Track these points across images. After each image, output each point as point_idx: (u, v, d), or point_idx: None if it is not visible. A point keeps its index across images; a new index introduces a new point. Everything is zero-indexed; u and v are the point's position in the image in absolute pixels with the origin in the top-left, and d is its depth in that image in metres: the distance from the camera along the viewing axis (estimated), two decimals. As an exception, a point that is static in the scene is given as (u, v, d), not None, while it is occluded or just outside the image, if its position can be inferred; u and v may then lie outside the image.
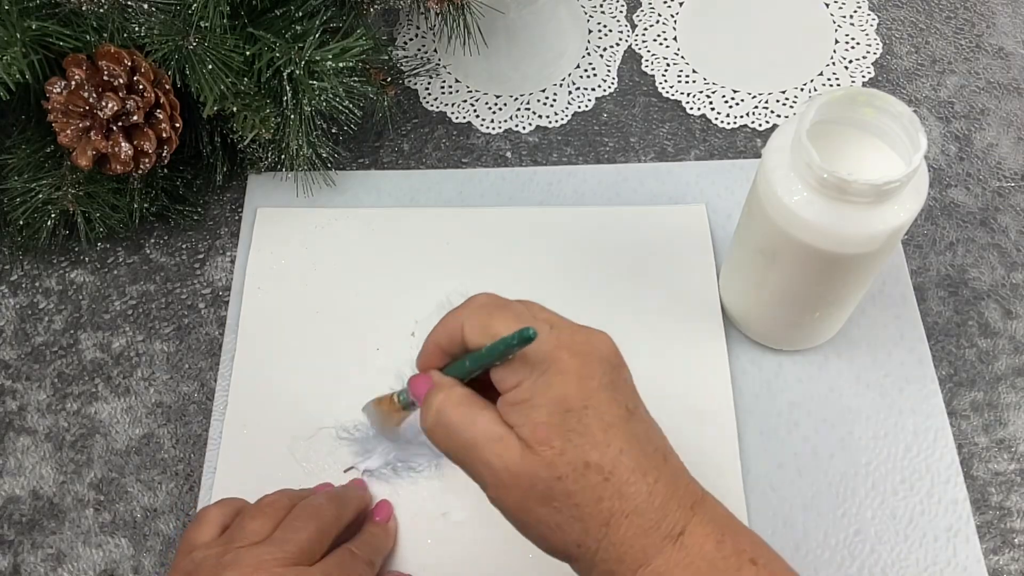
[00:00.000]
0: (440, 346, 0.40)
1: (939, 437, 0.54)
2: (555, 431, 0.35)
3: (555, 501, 0.36)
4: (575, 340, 0.37)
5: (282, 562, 0.42)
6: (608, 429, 0.36)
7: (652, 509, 0.36)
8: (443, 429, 0.38)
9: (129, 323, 0.59)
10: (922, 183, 0.44)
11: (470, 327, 0.38)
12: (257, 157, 0.61)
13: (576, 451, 0.35)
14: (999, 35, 0.70)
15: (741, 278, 0.54)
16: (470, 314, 0.39)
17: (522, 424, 0.36)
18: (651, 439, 0.37)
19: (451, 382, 0.39)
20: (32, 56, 0.51)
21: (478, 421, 0.37)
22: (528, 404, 0.36)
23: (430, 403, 0.38)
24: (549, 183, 0.63)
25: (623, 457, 0.36)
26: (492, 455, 0.36)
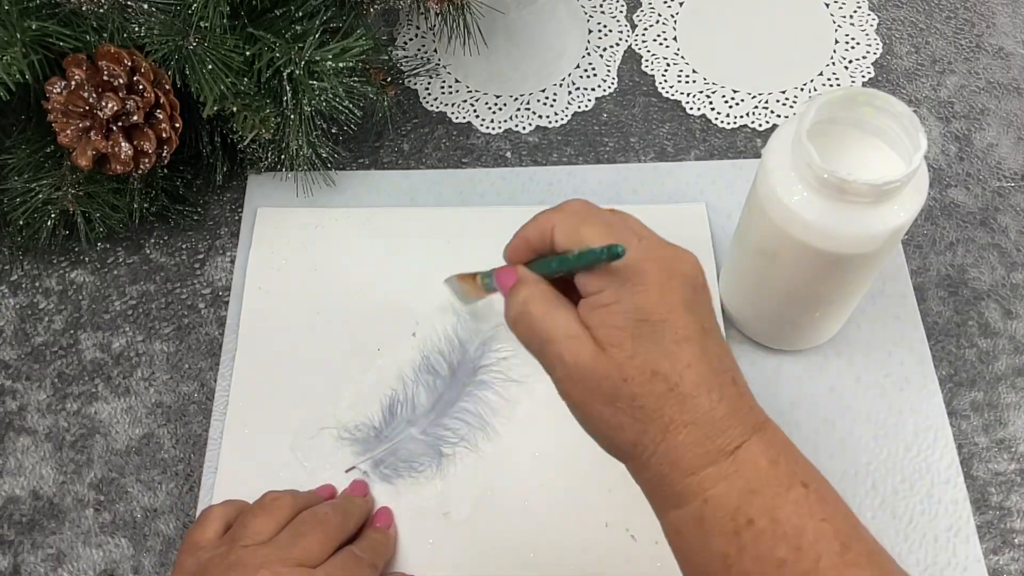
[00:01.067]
0: (529, 242, 0.41)
1: (939, 437, 0.54)
2: (628, 336, 0.36)
3: (619, 401, 0.37)
4: (662, 255, 0.38)
5: (286, 563, 0.42)
6: (681, 343, 0.36)
7: (711, 423, 0.36)
8: (525, 322, 0.39)
9: (129, 323, 0.59)
10: (922, 183, 0.44)
11: (561, 230, 0.39)
12: (257, 157, 0.61)
13: (645, 357, 0.36)
14: (999, 35, 0.70)
15: (741, 278, 0.54)
16: (563, 217, 0.40)
17: (599, 326, 0.37)
18: (722, 360, 0.38)
19: (536, 278, 0.40)
20: (32, 56, 0.51)
21: (558, 318, 0.38)
22: (608, 309, 0.37)
23: (515, 296, 0.39)
24: (549, 183, 0.63)
25: (690, 371, 0.36)
26: (566, 351, 0.37)
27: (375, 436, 0.54)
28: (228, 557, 0.43)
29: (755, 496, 0.36)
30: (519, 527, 0.51)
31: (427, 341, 0.57)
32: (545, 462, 0.53)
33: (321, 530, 0.45)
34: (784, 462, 0.37)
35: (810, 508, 0.36)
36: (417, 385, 0.55)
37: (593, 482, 0.52)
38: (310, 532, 0.45)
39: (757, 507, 0.36)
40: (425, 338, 0.57)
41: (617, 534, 0.51)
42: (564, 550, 0.51)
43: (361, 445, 0.54)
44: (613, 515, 0.51)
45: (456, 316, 0.57)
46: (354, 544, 0.47)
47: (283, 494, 0.48)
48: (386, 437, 0.54)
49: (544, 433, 0.54)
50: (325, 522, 0.46)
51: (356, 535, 0.49)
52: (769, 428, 0.38)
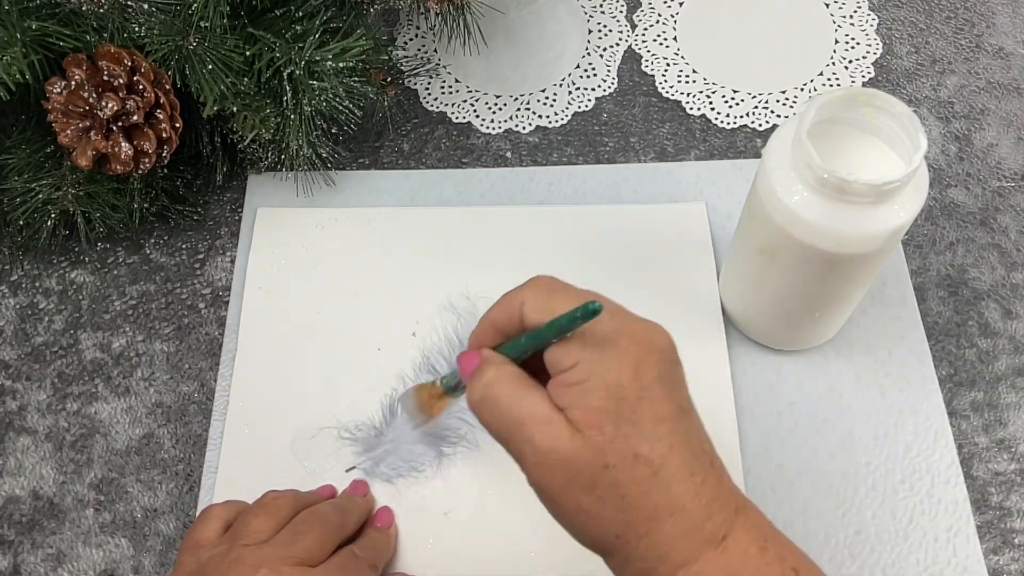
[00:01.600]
0: (496, 325, 0.39)
1: (939, 437, 0.54)
2: (608, 417, 0.34)
3: (599, 490, 0.35)
4: (635, 328, 0.37)
5: (286, 561, 0.42)
6: (660, 423, 0.35)
7: (698, 509, 0.35)
8: (490, 405, 0.37)
9: (129, 323, 0.59)
10: (922, 183, 0.44)
11: (531, 306, 0.37)
12: (257, 157, 0.61)
13: (627, 441, 0.34)
14: (999, 35, 0.70)
15: (741, 278, 0.54)
16: (531, 293, 0.37)
17: (574, 407, 0.35)
18: (700, 440, 0.37)
19: (502, 359, 0.38)
20: (32, 56, 0.51)
21: (527, 400, 0.36)
22: (582, 387, 0.35)
23: (479, 377, 0.37)
24: (549, 183, 0.63)
25: (673, 453, 0.35)
26: (539, 435, 0.35)
27: (375, 436, 0.54)
28: (228, 556, 0.43)
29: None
30: (519, 526, 0.51)
31: (427, 341, 0.57)
32: (545, 462, 0.53)
33: (321, 529, 0.45)
34: (773, 547, 0.36)
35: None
36: (417, 385, 0.55)
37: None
38: (310, 531, 0.45)
39: None
40: (425, 338, 0.57)
41: (617, 534, 0.51)
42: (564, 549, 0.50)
43: (361, 445, 0.54)
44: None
45: (456, 316, 0.57)
46: (354, 543, 0.47)
47: (283, 493, 0.48)
48: (386, 437, 0.54)
49: (544, 433, 0.54)
50: (325, 521, 0.46)
51: (356, 535, 0.49)
52: (750, 508, 0.37)
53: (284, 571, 0.42)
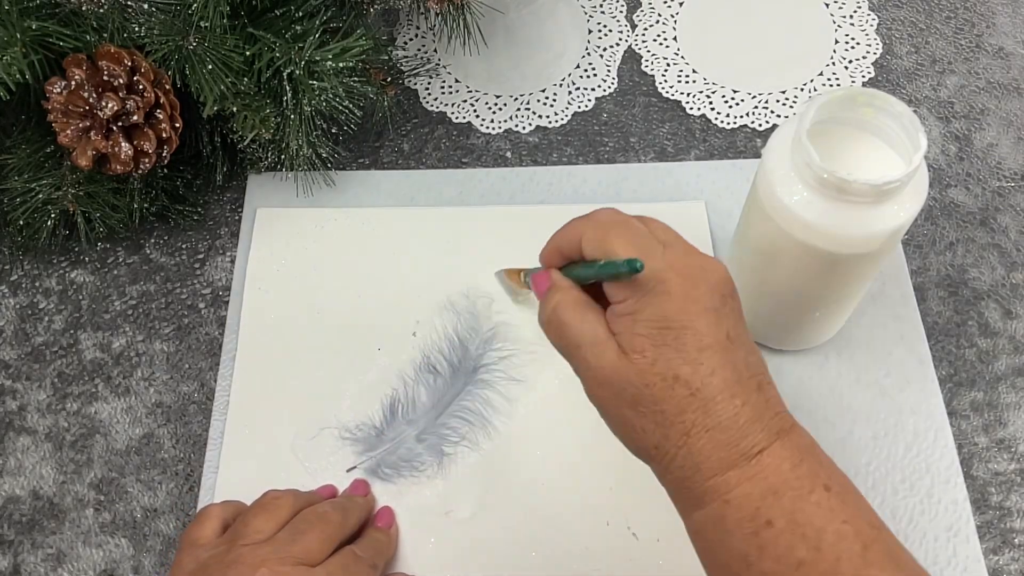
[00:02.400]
0: (560, 249, 0.42)
1: (939, 437, 0.54)
2: (650, 343, 0.37)
3: (641, 405, 0.38)
4: (687, 263, 0.39)
5: (286, 561, 0.42)
6: (704, 350, 0.37)
7: (735, 427, 0.37)
8: (556, 325, 0.40)
9: (129, 323, 0.59)
10: (922, 183, 0.44)
11: (588, 240, 0.40)
12: (257, 157, 0.61)
13: (667, 364, 0.37)
14: (999, 35, 0.70)
15: (741, 278, 0.54)
16: (591, 227, 0.41)
17: (623, 333, 0.38)
18: (749, 366, 0.38)
19: (569, 284, 0.41)
20: (32, 56, 0.51)
21: (585, 323, 0.39)
22: (631, 318, 0.38)
23: (548, 300, 0.41)
24: (549, 183, 0.63)
25: (713, 378, 0.37)
26: (592, 356, 0.39)
27: (376, 436, 0.54)
28: (227, 555, 0.43)
29: (776, 498, 0.36)
30: (520, 526, 0.51)
31: (427, 340, 0.57)
32: (546, 461, 0.53)
33: (321, 529, 0.45)
34: (807, 465, 0.37)
35: (831, 510, 0.36)
36: (418, 384, 0.55)
37: (595, 480, 0.52)
38: (310, 531, 0.45)
39: (777, 509, 0.36)
40: (425, 337, 0.57)
41: (619, 532, 0.51)
42: (566, 549, 0.51)
43: (362, 445, 0.54)
44: (615, 513, 0.51)
45: (456, 316, 0.57)
46: (355, 543, 0.47)
47: (283, 493, 0.48)
48: (387, 437, 0.54)
49: (545, 432, 0.54)
50: (325, 521, 0.46)
51: (357, 534, 0.49)
52: (795, 432, 0.39)
53: (284, 571, 0.42)
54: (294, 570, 0.42)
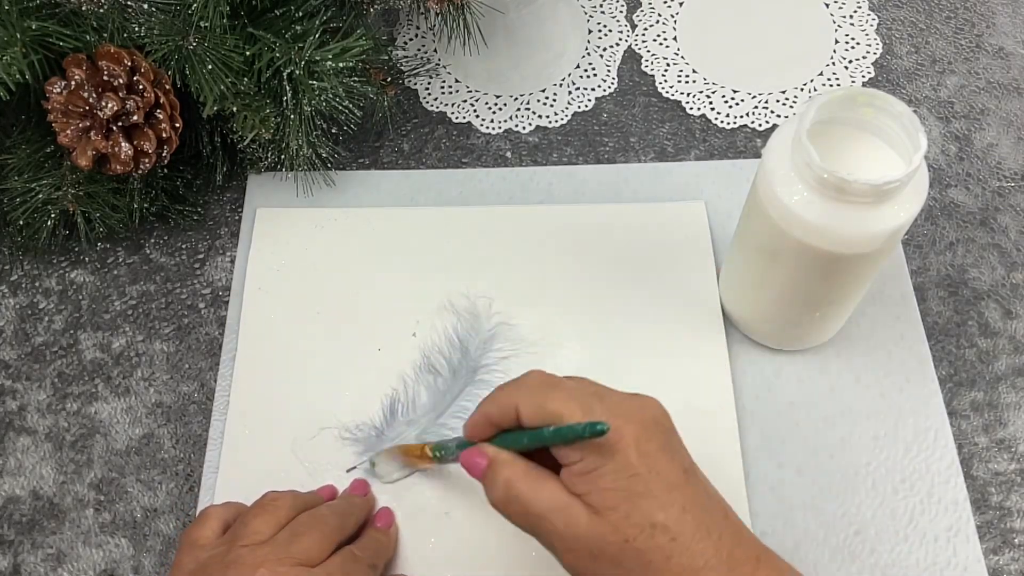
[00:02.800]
0: (491, 420, 0.42)
1: (939, 437, 0.54)
2: (622, 496, 0.37)
3: (626, 562, 0.37)
4: (628, 408, 0.39)
5: (285, 561, 0.42)
6: (671, 490, 0.38)
7: (721, 563, 0.37)
8: (513, 502, 0.40)
9: (129, 323, 0.59)
10: (922, 183, 0.44)
11: (526, 407, 0.40)
12: (257, 157, 0.61)
13: (642, 513, 0.37)
14: (999, 35, 0.70)
15: (741, 278, 0.54)
16: (525, 394, 0.40)
17: (589, 492, 0.38)
18: (710, 497, 0.39)
19: (510, 457, 0.41)
20: (32, 56, 0.51)
21: (544, 492, 0.39)
22: (594, 475, 0.38)
23: (496, 478, 0.40)
24: (549, 183, 0.63)
25: (687, 516, 0.37)
26: (560, 524, 0.38)
27: (376, 436, 0.54)
28: (227, 556, 0.43)
29: None
30: (519, 527, 0.51)
31: (427, 341, 0.57)
32: (545, 462, 0.53)
33: (320, 529, 0.45)
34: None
35: None
36: (418, 385, 0.55)
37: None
38: (309, 531, 0.45)
39: None
40: (425, 338, 0.57)
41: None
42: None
43: (362, 445, 0.54)
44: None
45: (456, 316, 0.57)
46: (354, 544, 0.47)
47: (283, 494, 0.48)
48: (387, 437, 0.54)
49: (544, 433, 0.54)
50: (324, 521, 0.46)
51: (357, 535, 0.49)
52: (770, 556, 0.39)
53: (283, 571, 0.42)
54: (293, 570, 0.42)
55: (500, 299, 0.58)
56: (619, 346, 0.56)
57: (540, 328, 0.57)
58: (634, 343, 0.56)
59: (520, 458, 0.41)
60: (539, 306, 0.58)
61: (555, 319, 0.57)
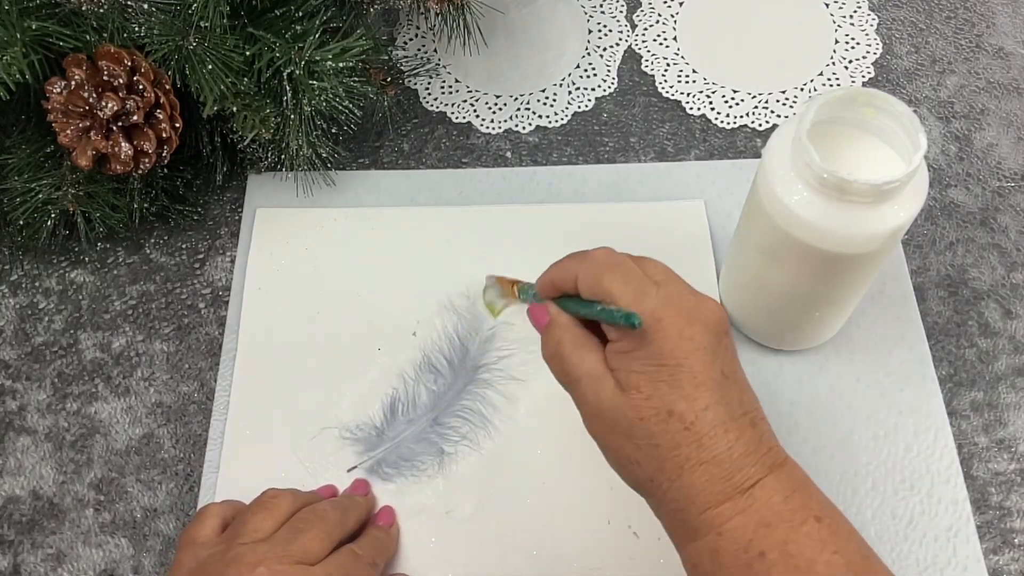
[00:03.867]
0: (555, 283, 0.43)
1: (939, 437, 0.54)
2: (646, 379, 0.39)
3: (636, 438, 0.39)
4: (682, 303, 0.40)
5: (285, 560, 0.42)
6: (699, 386, 0.38)
7: (728, 461, 0.38)
8: (558, 360, 0.42)
9: (129, 323, 0.59)
10: (922, 183, 0.44)
11: (583, 279, 0.41)
12: (257, 157, 0.61)
13: (661, 399, 0.38)
14: (999, 35, 0.70)
15: (741, 278, 0.54)
16: (586, 267, 0.42)
17: (620, 369, 0.40)
18: (742, 403, 0.39)
19: (567, 321, 0.43)
20: (32, 56, 0.51)
21: (585, 360, 0.41)
22: (628, 355, 0.39)
23: (550, 336, 0.43)
24: (549, 183, 0.63)
25: (707, 413, 0.38)
26: (590, 391, 0.40)
27: (376, 435, 0.54)
28: (227, 554, 0.43)
29: (768, 530, 0.37)
30: (521, 525, 0.51)
31: (427, 340, 0.57)
32: (547, 460, 0.53)
33: (320, 527, 0.45)
34: (799, 497, 0.38)
35: (822, 541, 0.37)
36: (418, 384, 0.55)
37: (595, 479, 0.52)
38: (309, 529, 0.45)
39: (770, 540, 0.37)
40: (425, 337, 0.57)
41: (619, 531, 0.51)
42: (566, 547, 0.51)
43: (362, 444, 0.54)
44: (615, 512, 0.51)
45: (456, 315, 0.57)
46: (355, 542, 0.47)
47: (283, 492, 0.48)
48: (387, 436, 0.54)
49: (546, 431, 0.54)
50: (324, 519, 0.46)
51: (357, 534, 0.49)
52: (787, 466, 0.40)
53: (282, 569, 0.42)
54: (293, 569, 0.42)
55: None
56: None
57: None
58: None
59: (575, 323, 0.42)
60: (539, 306, 0.58)
61: (555, 319, 0.57)
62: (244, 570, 0.41)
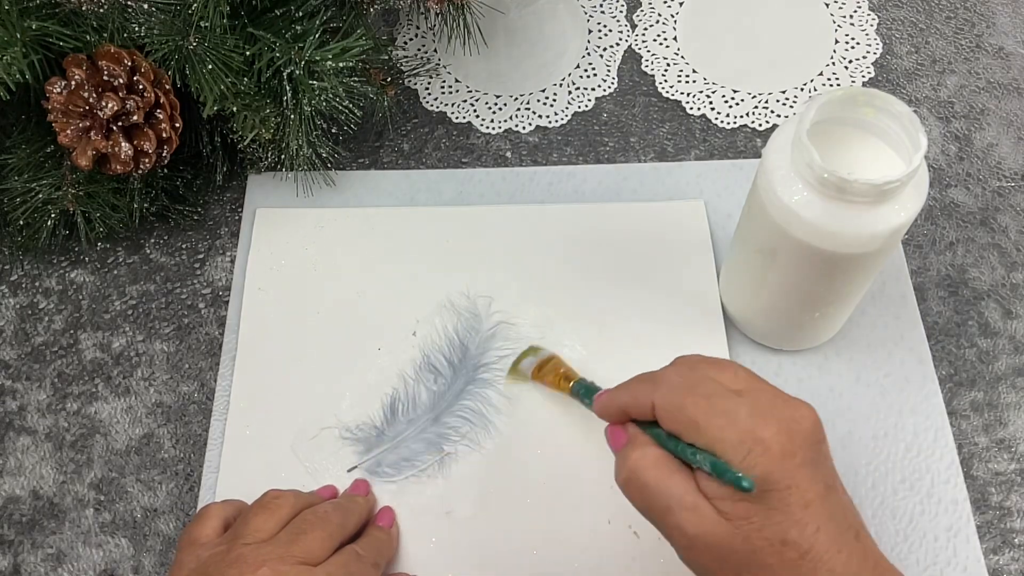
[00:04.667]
0: (626, 411, 0.41)
1: (939, 437, 0.54)
2: (756, 509, 0.36)
3: (751, 571, 0.37)
4: (779, 415, 0.38)
5: (287, 560, 0.42)
6: (807, 507, 0.36)
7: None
8: (637, 488, 0.39)
9: (129, 323, 0.59)
10: (922, 183, 0.44)
11: (663, 409, 0.39)
12: (257, 157, 0.61)
13: (775, 528, 0.36)
14: (999, 35, 0.70)
15: (741, 278, 0.54)
16: (661, 393, 0.39)
17: (722, 498, 0.37)
18: (846, 516, 0.38)
19: (647, 440, 0.40)
20: (32, 56, 0.51)
21: (673, 486, 0.38)
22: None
23: (625, 459, 0.39)
24: (549, 183, 0.63)
25: (820, 535, 0.36)
26: (687, 522, 0.37)
27: (376, 435, 0.54)
28: (228, 555, 0.43)
29: None
30: (521, 525, 0.51)
31: (427, 340, 0.57)
32: (547, 460, 0.53)
33: (322, 528, 0.45)
34: None
35: None
36: (418, 384, 0.55)
37: (595, 479, 0.52)
38: (311, 530, 0.45)
39: None
40: (425, 337, 0.57)
41: (620, 531, 0.51)
42: (567, 548, 0.51)
43: (363, 444, 0.54)
44: (616, 512, 0.51)
45: (456, 316, 0.57)
46: (356, 543, 0.47)
47: (284, 493, 0.48)
48: (387, 436, 0.54)
49: (546, 431, 0.54)
50: (326, 520, 0.46)
51: (358, 534, 0.49)
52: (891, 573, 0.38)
53: (285, 570, 0.42)
54: (295, 569, 0.42)
55: (500, 298, 0.58)
56: (619, 345, 0.56)
57: (540, 327, 0.57)
58: (634, 342, 0.56)
59: (655, 445, 0.39)
60: (539, 305, 0.58)
61: (555, 318, 0.57)
62: (246, 570, 0.41)
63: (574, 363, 0.55)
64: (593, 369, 0.52)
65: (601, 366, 0.56)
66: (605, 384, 0.51)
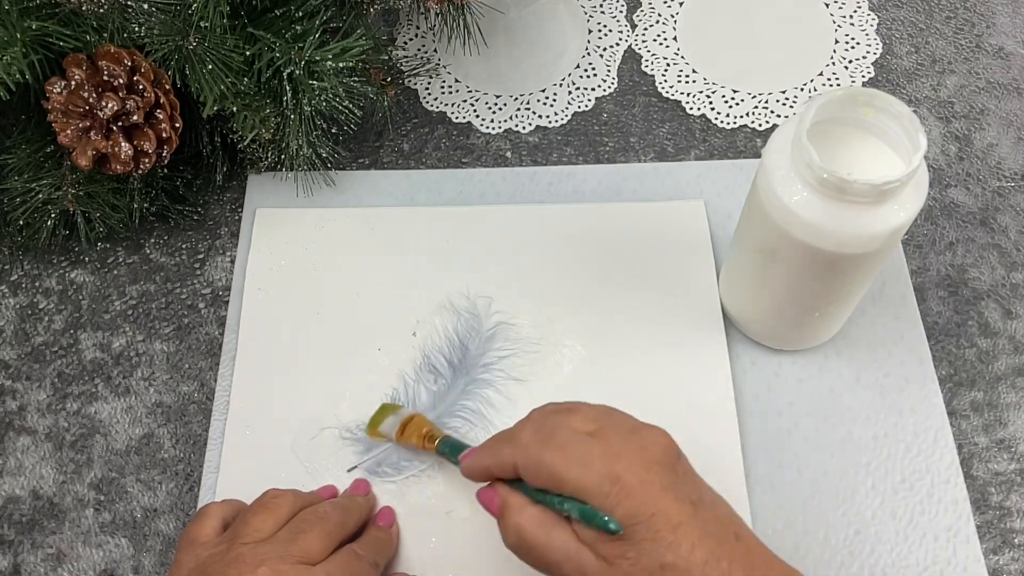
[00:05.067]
0: (491, 473, 0.43)
1: (939, 437, 0.54)
2: (628, 546, 0.38)
3: None
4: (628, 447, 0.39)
5: (286, 560, 0.42)
6: (677, 529, 0.38)
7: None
8: (526, 550, 0.41)
9: (129, 323, 0.59)
10: (922, 183, 0.44)
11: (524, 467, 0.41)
12: (257, 157, 0.61)
13: (650, 557, 0.37)
14: (999, 35, 0.70)
15: (741, 278, 0.54)
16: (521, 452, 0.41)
17: (597, 541, 0.38)
18: (720, 523, 0.39)
19: (522, 501, 0.41)
20: (32, 56, 0.51)
21: (554, 540, 0.40)
22: None
23: (508, 524, 0.41)
24: (549, 183, 0.63)
25: (696, 552, 0.37)
26: (573, 573, 0.39)
27: (375, 436, 0.54)
28: (228, 554, 0.43)
29: None
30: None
31: (427, 340, 0.57)
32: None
33: (321, 528, 0.45)
34: None
35: None
36: (418, 384, 0.55)
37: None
38: (310, 530, 0.45)
39: None
40: (425, 337, 0.57)
41: (617, 534, 0.51)
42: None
43: (362, 444, 0.54)
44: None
45: (456, 316, 0.57)
46: (355, 542, 0.47)
47: (284, 492, 0.48)
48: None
49: (544, 433, 0.54)
50: (325, 520, 0.46)
51: (358, 534, 0.49)
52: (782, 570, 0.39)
53: (284, 569, 0.42)
54: (294, 569, 0.42)
55: (500, 299, 0.58)
56: (619, 345, 0.56)
57: (540, 327, 0.57)
58: (634, 343, 0.56)
59: (531, 503, 0.41)
60: (539, 305, 0.58)
61: (555, 318, 0.57)
62: (246, 570, 0.41)
63: (572, 363, 0.55)
64: (592, 369, 0.52)
65: (601, 366, 0.56)
66: (605, 386, 0.51)
